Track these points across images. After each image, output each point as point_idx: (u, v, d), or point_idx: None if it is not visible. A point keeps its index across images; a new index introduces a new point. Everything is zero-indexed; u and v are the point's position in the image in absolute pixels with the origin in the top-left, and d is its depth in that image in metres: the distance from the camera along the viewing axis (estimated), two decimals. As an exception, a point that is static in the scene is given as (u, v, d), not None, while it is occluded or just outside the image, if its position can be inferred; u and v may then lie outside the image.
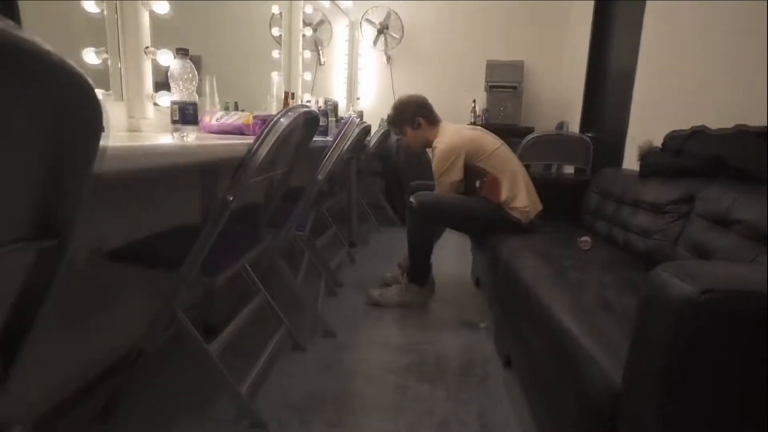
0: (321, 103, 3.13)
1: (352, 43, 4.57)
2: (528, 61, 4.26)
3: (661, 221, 1.64)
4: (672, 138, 1.84)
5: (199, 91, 2.33)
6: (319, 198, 2.28)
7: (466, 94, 4.39)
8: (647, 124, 2.40)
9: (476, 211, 1.96)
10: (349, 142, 2.10)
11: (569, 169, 3.56)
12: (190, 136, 1.11)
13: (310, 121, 1.34)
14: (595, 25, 3.48)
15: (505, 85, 4.13)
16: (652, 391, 0.65)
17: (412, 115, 2.12)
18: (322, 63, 4.31)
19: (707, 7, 1.97)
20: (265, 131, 1.05)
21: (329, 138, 2.18)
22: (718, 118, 1.66)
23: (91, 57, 1.37)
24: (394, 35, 4.44)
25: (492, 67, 4.19)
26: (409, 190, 2.28)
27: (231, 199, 1.04)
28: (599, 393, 0.77)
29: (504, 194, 1.93)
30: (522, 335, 1.35)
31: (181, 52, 1.10)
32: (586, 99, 3.55)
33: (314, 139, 1.82)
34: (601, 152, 2.79)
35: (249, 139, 1.09)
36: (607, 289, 1.27)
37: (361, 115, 4.06)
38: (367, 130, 2.51)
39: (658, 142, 1.96)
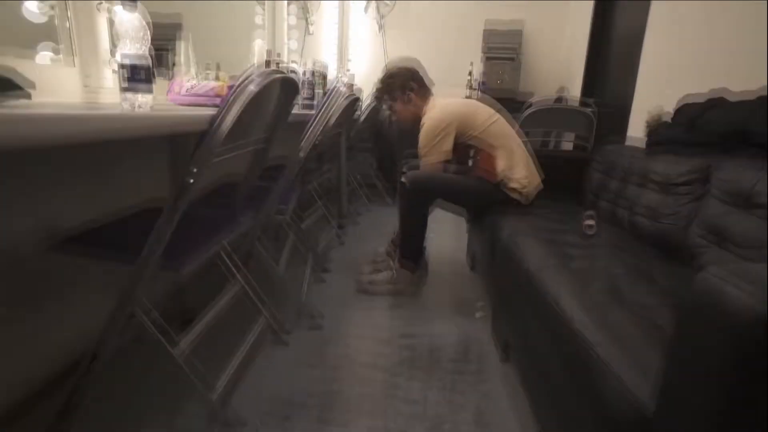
0: (309, 69, 2.92)
1: (343, 10, 4.31)
2: (528, 25, 4.05)
3: (672, 201, 1.51)
4: (685, 109, 1.69)
5: (176, 60, 2.14)
6: (305, 175, 2.12)
7: (462, 61, 4.19)
8: (656, 93, 2.25)
9: (472, 190, 1.82)
10: (335, 115, 1.94)
11: (567, 145, 3.41)
12: (143, 105, 0.94)
13: (288, 87, 1.18)
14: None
15: (503, 55, 3.94)
16: (700, 424, 0.52)
17: (402, 85, 1.95)
18: (311, 32, 4.08)
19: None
20: (231, 98, 0.89)
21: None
22: (736, 86, 1.52)
23: (31, 8, 1.18)
24: (387, 3, 4.19)
25: (489, 34, 3.99)
26: (402, 166, 2.12)
27: (191, 179, 0.89)
28: (625, 417, 0.64)
29: (500, 172, 1.79)
30: (524, 328, 1.23)
31: (129, 3, 0.92)
32: (588, 65, 3.37)
33: (300, 112, 1.65)
34: (604, 122, 2.64)
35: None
36: (617, 279, 1.15)
37: (351, 85, 3.86)
38: (355, 101, 2.33)
39: (668, 110, 1.82)
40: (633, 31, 2.58)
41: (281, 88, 1.18)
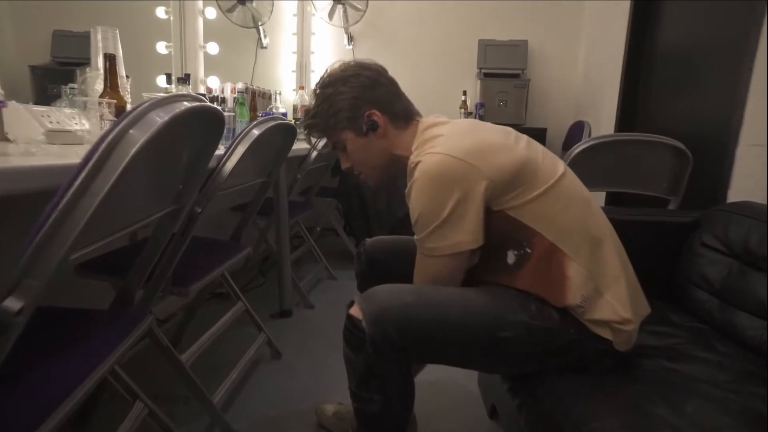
0: (237, 91, 2.08)
1: (303, 18, 3.46)
2: (533, 42, 3.22)
3: None
4: None
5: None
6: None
7: (453, 84, 3.33)
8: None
9: (510, 330, 0.80)
10: (234, 159, 0.99)
11: (599, 197, 2.49)
12: None
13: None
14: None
15: (505, 71, 3.09)
16: None
17: (354, 106, 0.93)
18: (265, 45, 3.22)
19: None
20: None
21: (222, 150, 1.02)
22: None
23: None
24: (357, 5, 3.34)
25: (486, 48, 3.16)
26: (363, 253, 1.13)
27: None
28: None
29: (577, 287, 0.80)
30: None
31: None
32: (626, 88, 2.50)
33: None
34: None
35: None
36: None
37: (306, 108, 2.94)
38: (288, 129, 1.38)
39: None
40: (722, 41, 1.73)
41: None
